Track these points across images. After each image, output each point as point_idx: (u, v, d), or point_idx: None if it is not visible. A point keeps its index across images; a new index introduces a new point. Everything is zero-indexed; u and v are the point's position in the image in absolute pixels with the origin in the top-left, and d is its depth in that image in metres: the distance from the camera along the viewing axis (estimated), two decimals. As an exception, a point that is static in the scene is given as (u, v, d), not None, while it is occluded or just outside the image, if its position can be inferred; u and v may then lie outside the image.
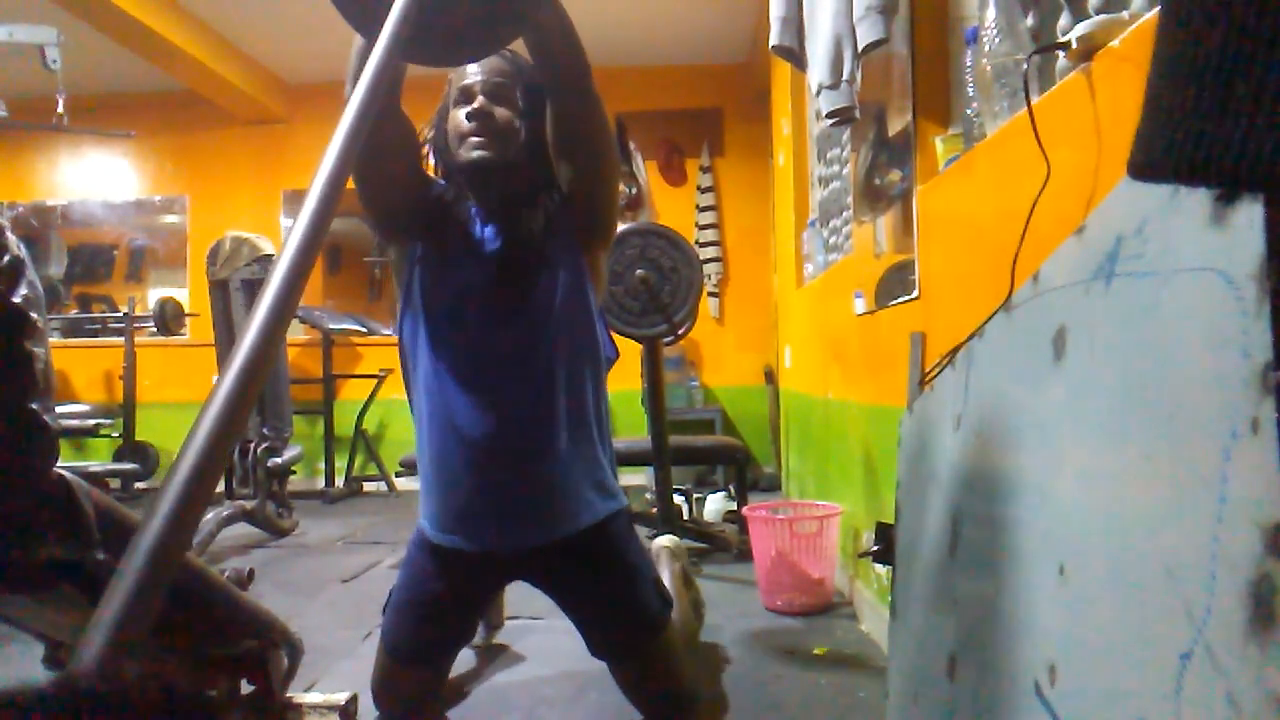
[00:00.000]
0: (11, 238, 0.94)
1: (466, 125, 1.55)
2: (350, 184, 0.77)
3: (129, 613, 0.42)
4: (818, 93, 2.13)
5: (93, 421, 5.24)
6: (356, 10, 1.14)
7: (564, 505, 1.58)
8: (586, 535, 1.61)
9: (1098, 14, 1.15)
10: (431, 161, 1.69)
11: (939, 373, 1.40)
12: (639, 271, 2.87)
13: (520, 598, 2.09)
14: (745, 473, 3.62)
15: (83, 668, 0.39)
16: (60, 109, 4.35)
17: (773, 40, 2.40)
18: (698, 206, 5.80)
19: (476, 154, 1.54)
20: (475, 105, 1.55)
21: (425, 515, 1.64)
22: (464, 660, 1.77)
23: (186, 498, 0.47)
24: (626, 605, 1.63)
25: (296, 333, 5.41)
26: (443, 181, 1.69)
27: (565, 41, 1.43)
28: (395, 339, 1.72)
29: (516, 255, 1.58)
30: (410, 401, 1.68)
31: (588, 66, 1.49)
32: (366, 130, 0.75)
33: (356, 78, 1.35)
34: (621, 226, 3.67)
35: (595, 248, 1.66)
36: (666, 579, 2.07)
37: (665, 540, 2.30)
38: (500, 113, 1.55)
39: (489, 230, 1.62)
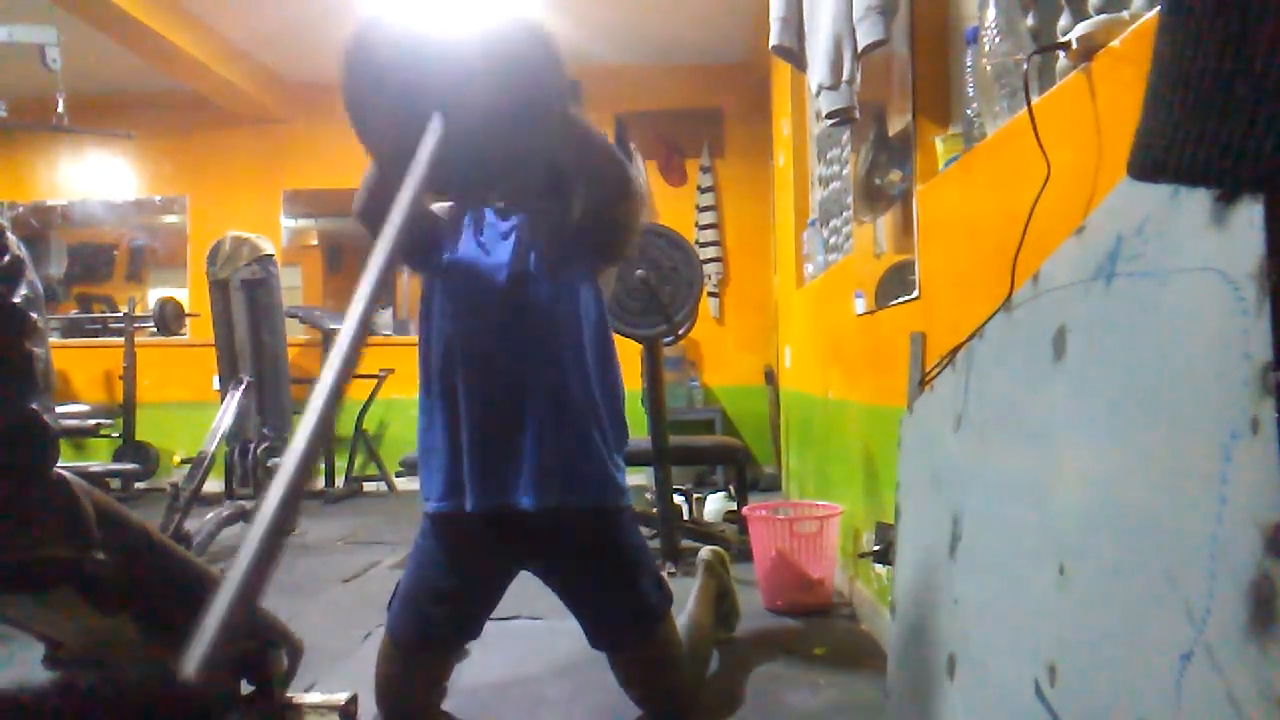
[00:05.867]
0: (11, 238, 0.94)
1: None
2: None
3: (231, 620, 0.47)
4: (818, 93, 2.13)
5: (93, 421, 5.23)
6: (387, 151, 1.10)
7: (580, 472, 1.65)
8: (595, 519, 1.67)
9: (1098, 14, 1.15)
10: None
11: (939, 373, 1.40)
12: (639, 271, 2.86)
13: (520, 598, 2.09)
14: (745, 473, 3.62)
15: (192, 670, 0.43)
16: (60, 109, 4.35)
17: (773, 40, 2.40)
18: (698, 206, 5.80)
19: (504, 206, 1.70)
20: None
21: (444, 488, 1.66)
22: (464, 660, 1.78)
23: (283, 511, 0.53)
24: (625, 595, 1.67)
25: (296, 333, 5.40)
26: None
27: (605, 176, 1.54)
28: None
29: (531, 259, 1.67)
30: (425, 377, 1.71)
31: (626, 190, 1.59)
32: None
33: (368, 201, 1.50)
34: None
35: (607, 265, 1.78)
36: (696, 589, 2.15)
37: (705, 553, 2.32)
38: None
39: (506, 225, 1.72)
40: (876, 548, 1.98)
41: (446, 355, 1.65)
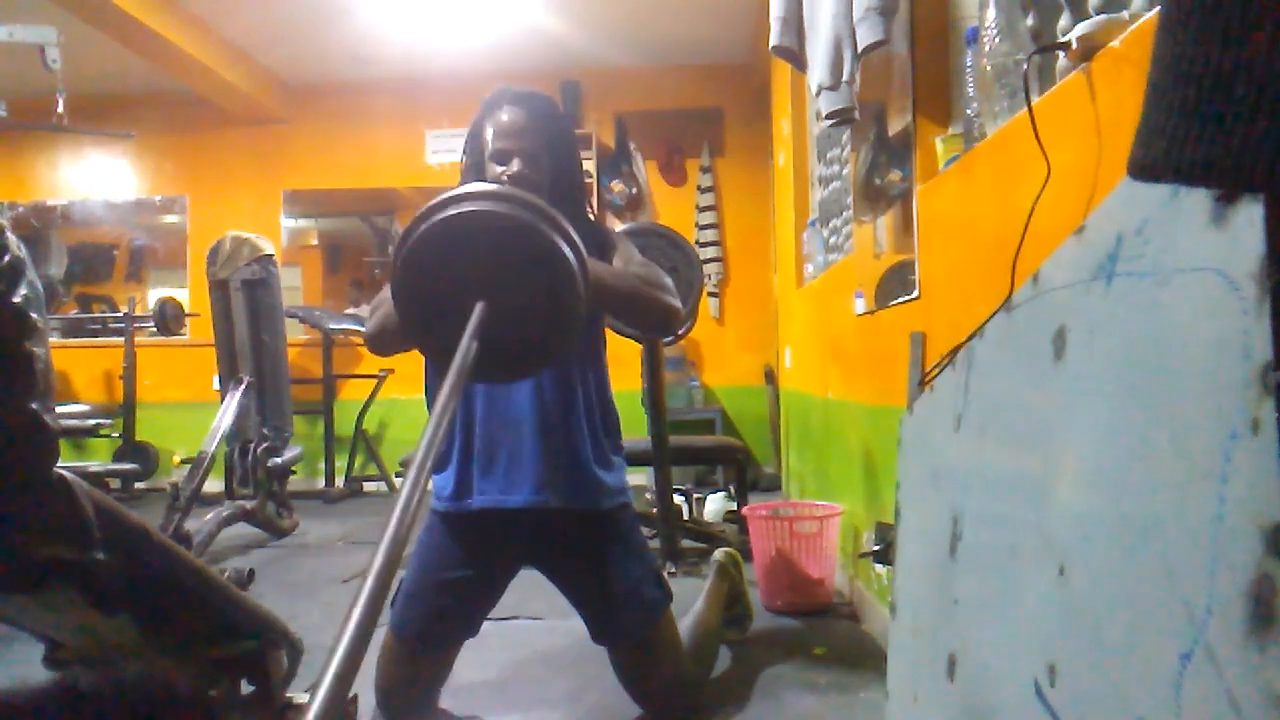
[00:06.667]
0: (11, 238, 0.94)
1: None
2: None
3: (344, 670, 0.51)
4: (818, 93, 2.13)
5: (93, 421, 5.23)
6: (418, 325, 1.20)
7: (582, 474, 1.70)
8: (596, 519, 1.71)
9: (1098, 14, 1.15)
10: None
11: (939, 373, 1.40)
12: (639, 271, 2.86)
13: (520, 598, 2.09)
14: (745, 473, 3.62)
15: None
16: (60, 109, 4.34)
17: (773, 41, 2.40)
18: (698, 206, 5.80)
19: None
20: (514, 171, 1.68)
21: (453, 487, 1.70)
22: (464, 659, 1.78)
23: (384, 573, 0.57)
24: (625, 591, 1.70)
25: (297, 333, 5.40)
26: None
27: (636, 310, 1.65)
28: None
29: None
30: (437, 381, 1.73)
31: (670, 313, 1.67)
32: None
33: (384, 332, 1.60)
34: (621, 227, 3.68)
35: None
36: (706, 589, 2.17)
37: (719, 554, 2.33)
38: (533, 176, 1.69)
39: None
40: (876, 548, 1.98)
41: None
